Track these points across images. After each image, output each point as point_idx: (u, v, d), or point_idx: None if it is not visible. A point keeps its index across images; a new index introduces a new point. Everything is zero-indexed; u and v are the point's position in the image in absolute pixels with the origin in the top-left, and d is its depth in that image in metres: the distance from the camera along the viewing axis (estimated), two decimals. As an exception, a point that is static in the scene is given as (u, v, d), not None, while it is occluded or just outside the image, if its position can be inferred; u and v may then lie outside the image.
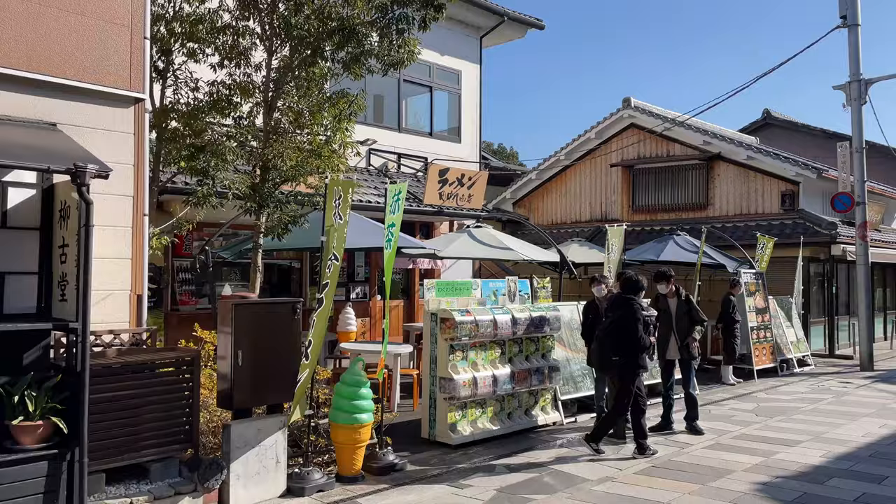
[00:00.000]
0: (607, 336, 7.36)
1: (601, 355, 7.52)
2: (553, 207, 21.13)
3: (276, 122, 7.74)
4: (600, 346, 7.52)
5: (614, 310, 7.40)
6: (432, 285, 7.64)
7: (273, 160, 7.54)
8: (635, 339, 7.19)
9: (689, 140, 18.44)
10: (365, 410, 6.16)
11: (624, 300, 7.39)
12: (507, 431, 7.85)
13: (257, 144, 7.71)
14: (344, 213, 6.16)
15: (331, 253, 6.08)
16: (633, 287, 7.47)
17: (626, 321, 7.21)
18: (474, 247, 10.50)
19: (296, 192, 7.93)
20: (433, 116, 15.96)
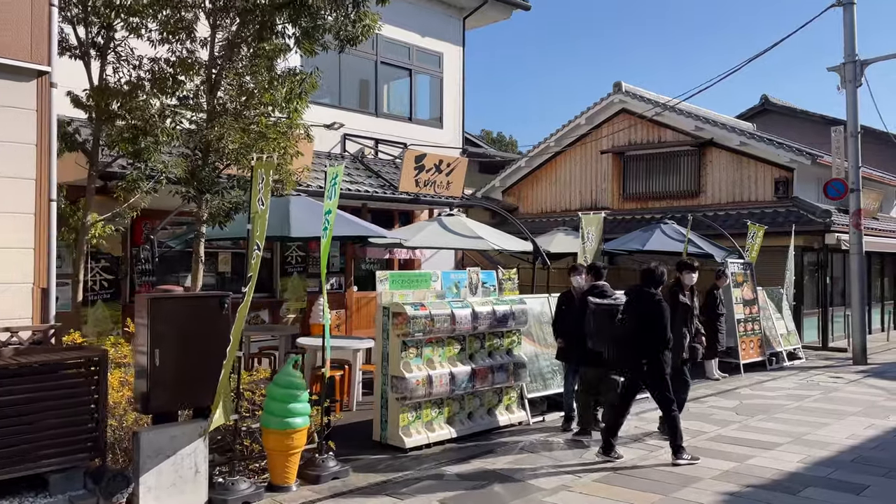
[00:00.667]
0: (631, 336, 6.75)
1: (622, 358, 6.87)
2: (543, 196, 20.58)
3: (220, 102, 7.22)
4: (621, 348, 6.87)
5: (634, 306, 6.81)
6: (385, 277, 7.14)
7: (214, 142, 7.02)
8: (663, 338, 6.62)
9: (681, 126, 17.87)
10: (299, 414, 5.67)
11: (646, 294, 6.78)
12: (466, 433, 7.36)
13: (198, 126, 7.20)
14: (266, 198, 5.63)
15: (254, 243, 5.55)
16: (655, 279, 6.87)
17: (652, 318, 6.62)
18: (444, 236, 9.99)
19: (239, 178, 7.41)
20: (413, 100, 15.41)
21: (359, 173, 13.28)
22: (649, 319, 6.64)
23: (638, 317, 6.72)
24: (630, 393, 6.92)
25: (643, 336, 6.65)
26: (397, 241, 9.64)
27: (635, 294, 6.92)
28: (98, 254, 10.69)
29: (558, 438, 7.44)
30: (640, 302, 6.78)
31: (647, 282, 6.88)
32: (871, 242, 15.54)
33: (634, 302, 6.86)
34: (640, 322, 6.69)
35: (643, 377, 6.77)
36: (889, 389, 10.45)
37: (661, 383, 6.73)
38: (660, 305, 6.68)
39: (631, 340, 6.76)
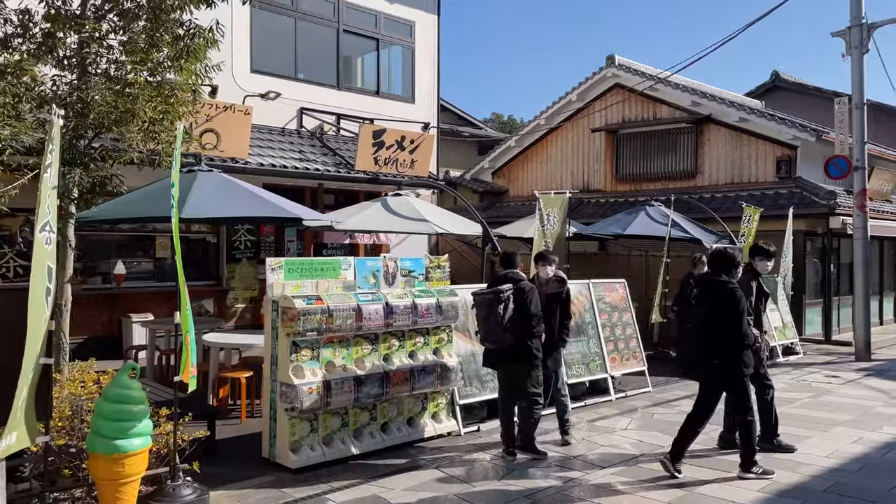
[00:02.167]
0: (702, 331, 5.79)
1: (693, 357, 5.89)
2: (533, 177, 19.40)
3: (85, 58, 6.15)
4: (691, 346, 5.93)
5: (705, 297, 5.84)
6: (279, 265, 6.07)
7: (75, 104, 5.98)
8: (739, 333, 5.66)
9: (678, 101, 16.59)
10: (134, 434, 4.64)
11: (718, 283, 5.81)
12: (378, 447, 6.31)
13: (63, 87, 6.16)
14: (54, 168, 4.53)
15: (45, 221, 4.48)
16: (727, 263, 5.89)
17: (726, 310, 5.68)
18: (385, 218, 8.90)
19: (110, 148, 6.37)
20: (380, 73, 14.27)
21: (314, 151, 12.22)
22: (722, 311, 5.69)
23: (709, 309, 5.75)
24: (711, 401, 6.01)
25: (716, 332, 5.71)
26: (327, 223, 8.56)
27: (706, 283, 5.96)
28: (10, 236, 9.71)
29: (485, 454, 6.36)
30: (711, 291, 5.81)
31: (718, 267, 5.90)
32: (881, 227, 14.21)
33: (704, 291, 5.90)
34: (710, 315, 5.73)
35: (716, 379, 5.84)
36: (889, 392, 9.24)
37: (739, 386, 5.83)
38: (734, 295, 5.71)
39: (701, 337, 5.80)
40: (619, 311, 9.31)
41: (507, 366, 6.33)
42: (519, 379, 6.31)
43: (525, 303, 6.19)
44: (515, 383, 6.36)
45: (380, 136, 11.88)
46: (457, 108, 27.65)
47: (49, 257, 4.32)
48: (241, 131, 10.26)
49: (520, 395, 6.42)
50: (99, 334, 10.66)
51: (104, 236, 11.00)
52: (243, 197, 7.50)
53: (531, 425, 6.36)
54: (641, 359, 9.28)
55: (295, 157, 11.54)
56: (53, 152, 4.34)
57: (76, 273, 10.82)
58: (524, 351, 6.20)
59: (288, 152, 11.61)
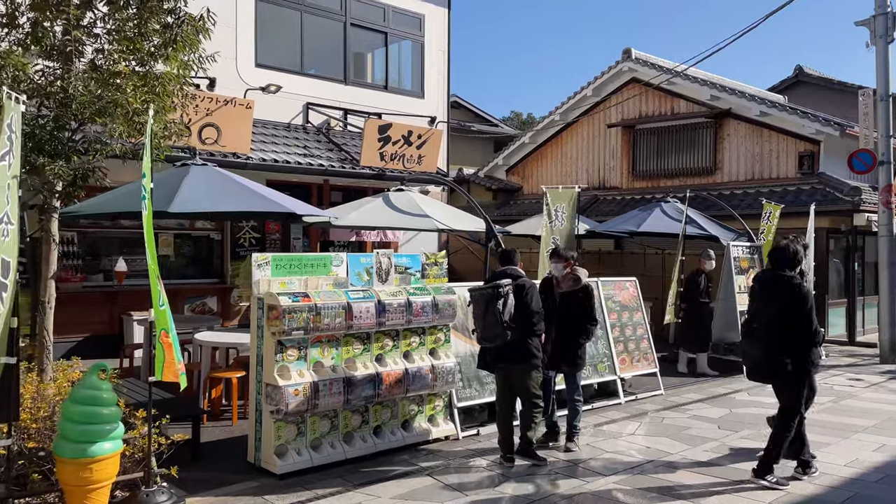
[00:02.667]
0: (764, 332, 5.50)
1: (764, 358, 5.53)
2: (548, 174, 19.02)
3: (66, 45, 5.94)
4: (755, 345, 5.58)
5: (772, 296, 5.54)
6: (266, 260, 5.82)
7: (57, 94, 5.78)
8: (811, 332, 5.41)
9: (696, 95, 16.10)
10: (104, 438, 4.41)
11: (783, 279, 5.54)
12: (370, 452, 6.03)
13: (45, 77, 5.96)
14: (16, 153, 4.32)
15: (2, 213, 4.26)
16: (788, 259, 5.62)
17: (793, 307, 5.41)
18: (386, 214, 8.63)
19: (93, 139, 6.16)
20: (388, 68, 14.00)
21: (319, 147, 11.98)
22: (792, 310, 5.42)
23: (776, 308, 5.46)
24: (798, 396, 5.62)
25: (784, 331, 5.43)
26: (325, 218, 8.30)
27: (769, 280, 5.65)
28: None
29: (483, 459, 6.06)
30: (776, 288, 5.53)
31: (779, 263, 5.63)
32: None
33: (769, 289, 5.59)
34: (780, 314, 5.44)
35: (787, 379, 5.50)
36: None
37: (797, 388, 5.54)
38: (801, 291, 5.46)
39: (764, 337, 5.50)
40: (629, 311, 8.95)
41: (506, 366, 6.03)
42: (518, 380, 6.01)
43: (525, 299, 5.89)
44: (514, 385, 6.06)
45: (386, 131, 11.61)
46: (472, 106, 27.37)
47: (6, 251, 4.10)
48: (243, 126, 10.05)
49: (519, 398, 6.13)
50: (100, 332, 10.51)
51: (106, 233, 10.86)
52: (236, 192, 7.27)
53: (531, 430, 6.05)
54: (653, 360, 8.92)
55: (299, 152, 11.32)
56: (13, 139, 4.11)
57: (76, 270, 10.72)
58: (523, 350, 5.90)
59: (292, 148, 11.40)
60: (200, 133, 9.79)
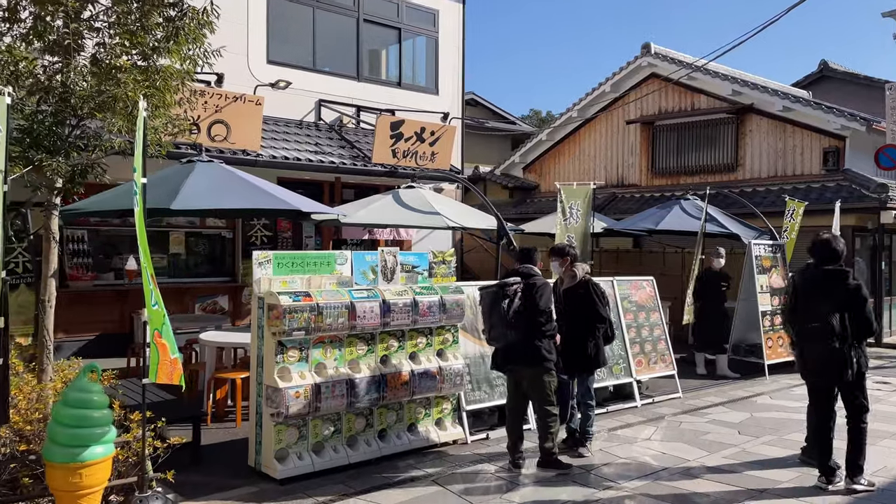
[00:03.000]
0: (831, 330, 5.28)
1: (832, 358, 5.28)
2: (565, 172, 18.73)
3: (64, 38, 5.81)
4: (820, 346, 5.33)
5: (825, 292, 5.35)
6: (267, 258, 5.65)
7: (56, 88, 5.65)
8: (869, 327, 5.32)
9: (717, 90, 15.76)
10: (94, 441, 4.27)
11: (836, 274, 5.37)
12: (374, 456, 5.84)
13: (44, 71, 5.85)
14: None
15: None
16: (834, 254, 5.43)
17: (849, 302, 5.27)
18: (395, 211, 8.44)
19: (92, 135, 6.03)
20: (402, 64, 13.81)
21: (331, 144, 11.83)
22: (851, 306, 5.27)
23: (834, 304, 5.29)
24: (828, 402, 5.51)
25: (847, 328, 5.26)
26: (333, 216, 8.13)
27: (819, 276, 5.44)
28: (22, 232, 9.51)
29: (490, 465, 5.85)
30: (831, 284, 5.35)
31: (828, 258, 5.43)
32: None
33: (822, 286, 5.39)
34: (838, 311, 5.27)
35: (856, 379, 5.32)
36: (948, 401, 8.44)
37: (861, 383, 5.39)
38: (859, 287, 5.32)
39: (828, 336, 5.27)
40: (646, 311, 8.68)
41: (515, 368, 5.83)
42: (529, 384, 5.80)
43: (535, 298, 5.66)
44: (526, 389, 5.85)
45: (398, 128, 11.43)
46: (490, 103, 27.10)
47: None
48: (253, 122, 9.92)
49: (532, 403, 5.90)
50: (111, 331, 10.43)
51: (116, 231, 10.78)
52: (241, 189, 7.12)
53: (548, 439, 5.79)
54: (671, 362, 8.65)
55: (310, 149, 11.17)
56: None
57: (87, 269, 10.66)
58: (533, 352, 5.68)
59: (304, 145, 11.25)
60: (210, 130, 9.67)
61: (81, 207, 6.95)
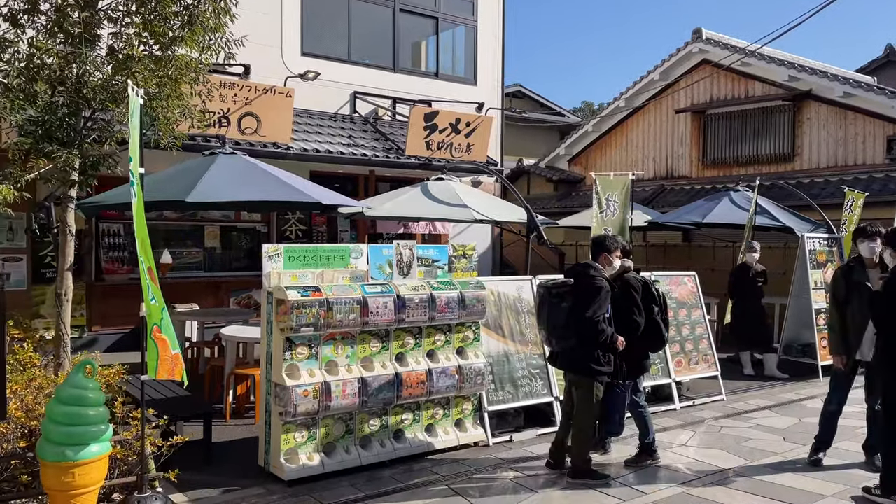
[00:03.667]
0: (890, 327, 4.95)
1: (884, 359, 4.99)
2: (612, 164, 18.17)
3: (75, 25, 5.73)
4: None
5: None
6: (277, 252, 5.47)
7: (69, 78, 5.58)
8: None
9: (772, 76, 14.99)
10: (89, 440, 4.13)
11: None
12: (388, 458, 5.61)
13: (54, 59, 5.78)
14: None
15: None
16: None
17: None
18: (422, 204, 8.18)
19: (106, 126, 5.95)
20: (439, 54, 13.53)
21: (365, 136, 11.65)
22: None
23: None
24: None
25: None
26: (358, 209, 7.92)
27: None
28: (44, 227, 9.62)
29: (510, 471, 5.54)
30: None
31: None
32: None
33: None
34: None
35: None
36: None
37: None
38: None
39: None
40: (687, 308, 8.22)
41: (567, 374, 5.51)
42: (575, 391, 5.42)
43: (584, 301, 5.16)
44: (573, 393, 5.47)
45: (432, 119, 11.16)
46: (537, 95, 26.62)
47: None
48: (283, 115, 9.80)
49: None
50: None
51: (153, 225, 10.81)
52: (260, 181, 6.97)
53: (583, 447, 5.38)
54: (713, 363, 8.17)
55: (343, 142, 11.01)
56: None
57: (122, 262, 10.74)
58: (577, 359, 5.28)
59: (336, 137, 11.09)
60: (240, 123, 9.59)
61: (101, 200, 6.91)
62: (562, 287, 5.28)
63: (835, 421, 5.80)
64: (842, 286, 5.75)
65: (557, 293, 5.26)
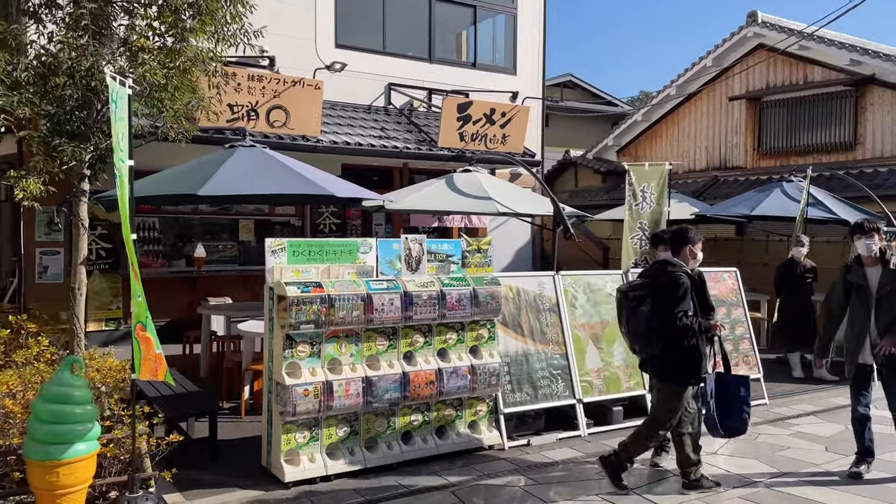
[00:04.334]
0: None
1: None
2: (662, 154, 17.54)
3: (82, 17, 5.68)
4: None
5: None
6: (281, 246, 5.31)
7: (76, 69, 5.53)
8: None
9: (833, 60, 14.14)
10: (75, 439, 4.05)
11: None
12: (395, 461, 5.40)
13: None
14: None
15: None
16: None
17: None
18: (447, 196, 7.93)
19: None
20: (477, 43, 13.21)
21: (398, 129, 11.46)
22: None
23: None
24: None
25: None
26: (379, 202, 7.73)
27: None
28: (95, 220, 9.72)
29: (520, 477, 5.26)
30: None
31: None
32: None
33: None
34: None
35: None
36: None
37: None
38: None
39: None
40: (727, 306, 7.75)
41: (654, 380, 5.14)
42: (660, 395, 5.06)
43: (664, 302, 4.75)
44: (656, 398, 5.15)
45: (465, 110, 10.89)
46: (589, 85, 26.06)
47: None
48: (312, 107, 9.68)
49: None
50: (180, 318, 10.55)
51: (188, 219, 10.92)
52: (277, 174, 6.83)
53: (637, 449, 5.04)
54: (755, 364, 7.68)
55: (375, 134, 10.84)
56: None
57: (158, 256, 10.84)
58: (662, 365, 4.90)
59: (368, 130, 10.93)
60: (269, 116, 9.52)
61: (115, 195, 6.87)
62: (638, 289, 4.89)
63: (864, 428, 5.32)
64: (840, 290, 5.41)
65: (634, 296, 4.87)
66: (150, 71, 5.53)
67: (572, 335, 6.53)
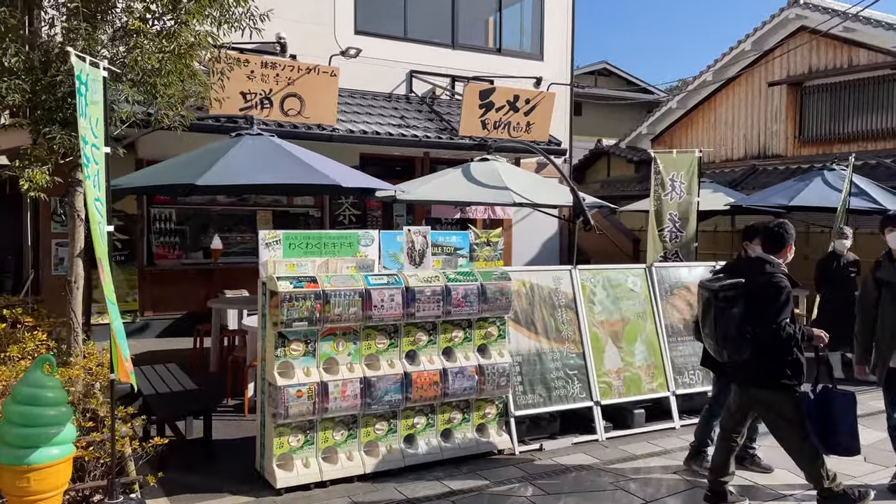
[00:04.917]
0: None
1: None
2: (698, 142, 16.86)
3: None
4: None
5: None
6: (276, 238, 5.04)
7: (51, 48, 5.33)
8: None
9: (881, 42, 13.37)
10: (45, 443, 3.82)
11: None
12: (396, 466, 5.10)
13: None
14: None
15: None
16: None
17: None
18: (462, 186, 7.57)
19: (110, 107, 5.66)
20: (502, 28, 12.79)
21: (419, 117, 11.13)
22: None
23: None
24: None
25: None
26: (391, 192, 7.41)
27: None
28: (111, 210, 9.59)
29: (528, 486, 4.92)
30: None
31: None
32: None
33: None
34: None
35: None
36: None
37: None
38: None
39: None
40: (759, 302, 7.25)
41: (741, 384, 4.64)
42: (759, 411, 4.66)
43: (763, 307, 4.32)
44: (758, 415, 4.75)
45: (488, 97, 10.50)
46: (625, 72, 25.41)
47: None
48: (328, 95, 9.41)
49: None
50: (196, 310, 10.41)
51: (205, 210, 10.75)
52: (282, 163, 6.55)
53: (813, 468, 4.65)
54: (790, 364, 7.17)
55: (394, 123, 10.53)
56: None
57: (174, 248, 10.71)
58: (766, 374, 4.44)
59: (388, 118, 10.63)
60: (283, 104, 9.27)
61: (123, 184, 6.69)
62: (730, 289, 4.39)
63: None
64: (871, 287, 5.00)
65: (725, 297, 4.37)
66: (142, 55, 5.29)
67: (590, 333, 6.15)
